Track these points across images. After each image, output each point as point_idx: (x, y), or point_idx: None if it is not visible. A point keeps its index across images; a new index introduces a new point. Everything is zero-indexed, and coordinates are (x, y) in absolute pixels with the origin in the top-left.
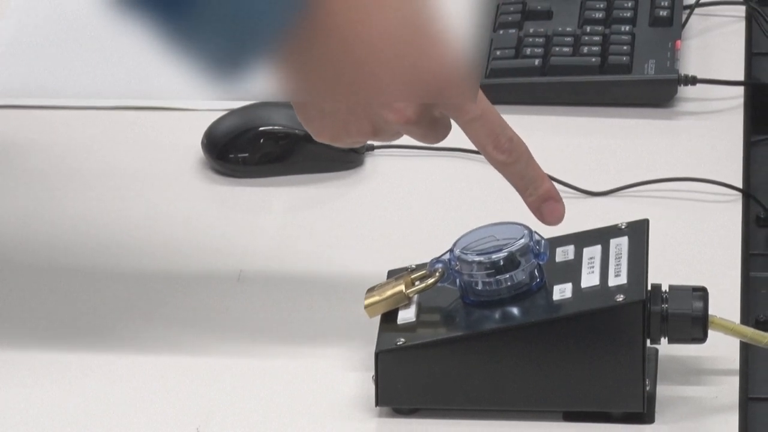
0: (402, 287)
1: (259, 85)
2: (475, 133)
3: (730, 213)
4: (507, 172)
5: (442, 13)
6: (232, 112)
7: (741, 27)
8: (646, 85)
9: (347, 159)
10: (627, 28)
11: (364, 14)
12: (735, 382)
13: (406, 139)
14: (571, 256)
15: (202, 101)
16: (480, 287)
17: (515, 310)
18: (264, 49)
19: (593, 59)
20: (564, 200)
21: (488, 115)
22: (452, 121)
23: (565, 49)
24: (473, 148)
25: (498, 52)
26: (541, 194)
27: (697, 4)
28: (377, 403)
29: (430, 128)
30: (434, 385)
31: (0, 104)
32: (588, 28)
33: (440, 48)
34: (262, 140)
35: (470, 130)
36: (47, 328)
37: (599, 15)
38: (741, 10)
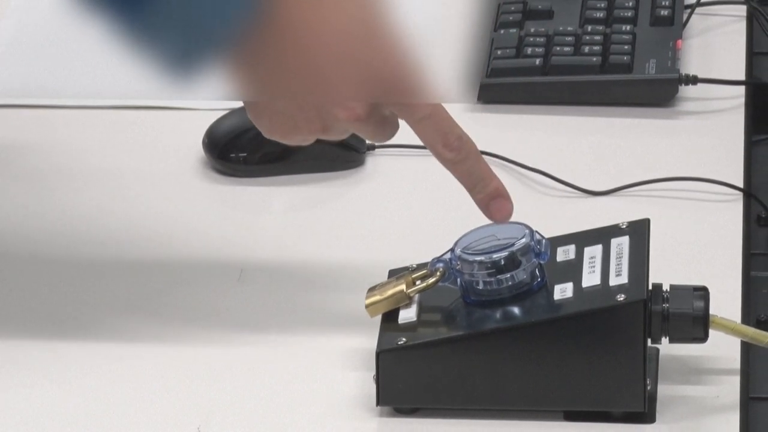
0: (403, 287)
1: (213, 86)
2: (425, 131)
3: (731, 212)
4: (456, 170)
5: (395, 12)
6: (233, 112)
7: (742, 26)
8: (646, 84)
9: (348, 159)
10: (628, 27)
11: (318, 14)
12: (736, 381)
13: (407, 139)
14: (572, 255)
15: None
16: (481, 287)
17: (516, 310)
18: (218, 49)
19: (594, 59)
20: (564, 199)
21: (438, 114)
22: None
23: (566, 49)
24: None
25: (499, 52)
26: (490, 192)
27: (698, 4)
28: (378, 403)
29: (378, 126)
30: (435, 385)
31: (0, 104)
32: (589, 28)
33: (393, 47)
34: (262, 140)
35: (420, 128)
36: (47, 328)
37: (600, 14)
38: (742, 10)
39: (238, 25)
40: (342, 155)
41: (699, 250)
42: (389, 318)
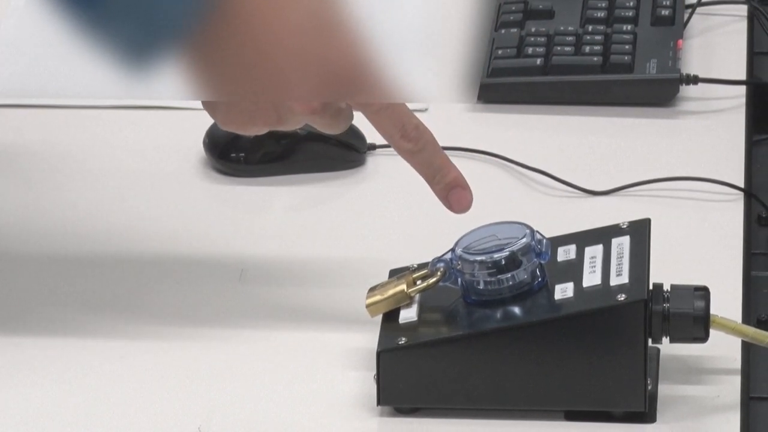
0: (404, 286)
1: (168, 85)
2: (382, 123)
3: (732, 212)
4: (414, 161)
5: (353, 9)
6: None
7: (743, 26)
8: (647, 84)
9: (348, 158)
10: (629, 27)
11: (273, 10)
12: (736, 381)
13: None
14: (572, 255)
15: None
16: (482, 286)
17: (517, 310)
18: (173, 45)
19: (595, 58)
20: (565, 199)
21: (395, 105)
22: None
23: (567, 49)
24: (475, 147)
25: (499, 51)
26: (449, 182)
27: (699, 4)
28: (379, 403)
29: (333, 118)
30: (436, 385)
31: (0, 104)
32: (590, 28)
33: (350, 44)
34: (262, 140)
35: (377, 120)
36: (47, 328)
37: (601, 14)
38: (743, 10)
39: (192, 20)
40: (342, 155)
41: (699, 250)
42: (390, 318)
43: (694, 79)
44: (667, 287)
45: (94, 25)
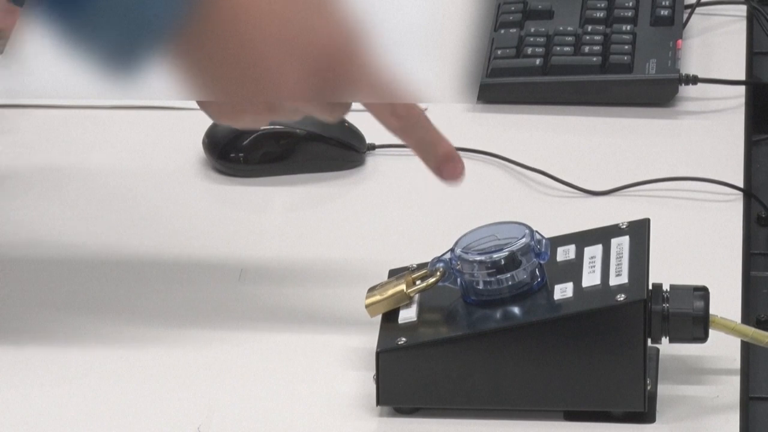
0: (403, 287)
1: (158, 84)
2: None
3: (731, 212)
4: (405, 137)
5: (347, 10)
6: None
7: (742, 26)
8: (647, 84)
9: (348, 158)
10: (628, 27)
11: (261, 9)
12: (736, 381)
13: None
14: (572, 255)
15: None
16: (481, 287)
17: (516, 310)
18: (160, 43)
19: (594, 59)
20: (565, 199)
21: None
22: None
23: (566, 49)
24: (475, 147)
25: (499, 52)
26: (440, 155)
27: (698, 4)
28: (378, 403)
29: (327, 105)
30: (435, 385)
31: (0, 104)
32: (589, 28)
33: (347, 45)
34: (262, 140)
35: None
36: (47, 327)
37: (600, 14)
38: (742, 10)
39: (178, 20)
40: (342, 155)
41: (699, 250)
42: (389, 318)
43: (694, 79)
44: (666, 287)
45: (81, 26)
